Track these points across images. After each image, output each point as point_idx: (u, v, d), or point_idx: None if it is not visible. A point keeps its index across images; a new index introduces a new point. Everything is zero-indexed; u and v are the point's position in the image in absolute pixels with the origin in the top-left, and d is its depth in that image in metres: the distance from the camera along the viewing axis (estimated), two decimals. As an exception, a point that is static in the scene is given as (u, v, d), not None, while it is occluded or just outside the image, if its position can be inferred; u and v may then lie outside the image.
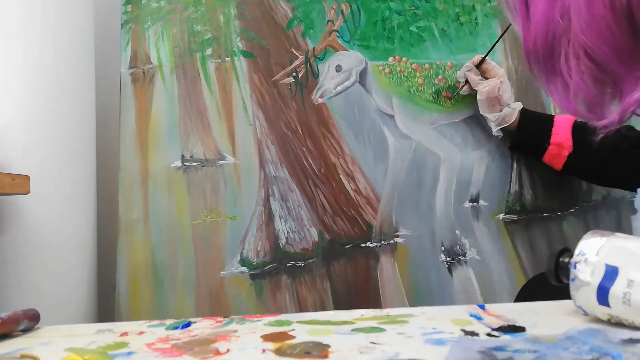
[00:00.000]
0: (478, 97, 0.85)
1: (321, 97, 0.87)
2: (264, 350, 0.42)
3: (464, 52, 0.91)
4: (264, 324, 0.51)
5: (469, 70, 0.85)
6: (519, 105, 0.84)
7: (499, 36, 0.86)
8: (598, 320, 0.45)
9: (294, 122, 0.86)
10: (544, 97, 0.92)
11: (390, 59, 0.89)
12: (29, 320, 0.54)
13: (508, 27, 0.84)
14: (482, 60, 0.85)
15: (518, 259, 0.86)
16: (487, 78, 0.85)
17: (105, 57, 0.93)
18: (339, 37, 0.89)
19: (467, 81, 0.86)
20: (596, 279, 0.44)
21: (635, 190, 0.84)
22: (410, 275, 0.83)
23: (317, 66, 0.88)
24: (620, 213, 0.90)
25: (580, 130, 0.79)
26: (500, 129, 0.84)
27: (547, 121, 0.82)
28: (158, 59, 0.86)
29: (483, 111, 0.85)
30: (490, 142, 0.88)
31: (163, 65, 0.86)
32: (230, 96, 0.86)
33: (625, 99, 0.44)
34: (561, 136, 0.80)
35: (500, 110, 0.84)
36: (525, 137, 0.84)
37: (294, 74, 0.87)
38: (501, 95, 0.83)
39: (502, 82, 0.84)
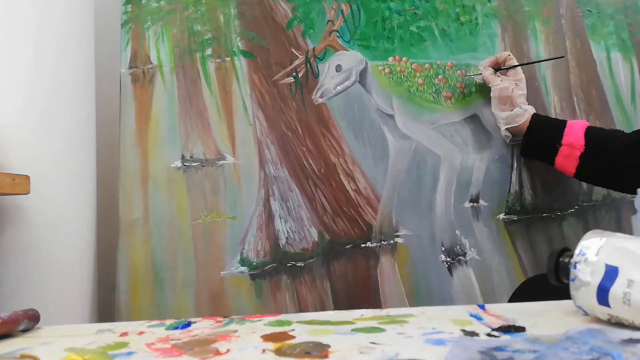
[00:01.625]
0: (491, 93, 0.85)
1: (321, 97, 0.87)
2: (264, 351, 0.42)
3: (464, 52, 0.91)
4: (264, 324, 0.51)
5: (487, 65, 0.86)
6: (531, 109, 0.84)
7: (546, 59, 0.90)
8: (598, 320, 0.45)
9: (294, 122, 0.86)
10: (544, 96, 0.92)
11: (390, 59, 0.89)
12: (29, 320, 0.54)
13: (559, 57, 0.90)
14: (504, 62, 0.86)
15: (518, 259, 0.86)
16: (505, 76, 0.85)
17: (105, 57, 0.93)
18: (339, 37, 0.89)
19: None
20: (596, 279, 0.44)
21: None
22: (410, 275, 0.83)
23: (317, 66, 0.88)
24: (620, 213, 0.90)
25: (593, 133, 0.79)
26: (510, 133, 0.84)
27: (559, 124, 0.81)
28: (158, 59, 0.86)
29: (494, 108, 0.86)
30: (491, 142, 0.88)
31: (163, 65, 0.86)
32: (230, 96, 0.86)
33: None
34: (573, 137, 0.79)
35: (512, 110, 0.84)
36: (536, 139, 0.82)
37: (294, 73, 0.87)
38: (514, 97, 0.83)
39: (517, 85, 0.84)
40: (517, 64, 0.86)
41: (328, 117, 0.86)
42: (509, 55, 0.86)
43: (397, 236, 0.84)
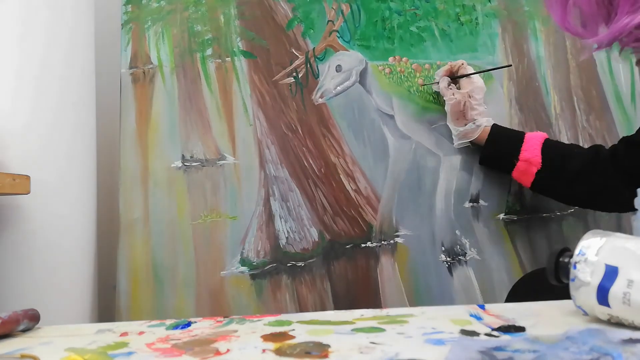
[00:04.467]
0: (445, 107, 0.84)
1: (321, 97, 0.87)
2: (264, 350, 0.42)
3: (464, 52, 0.91)
4: (264, 324, 0.51)
5: (442, 75, 0.85)
6: (486, 122, 0.82)
7: (494, 68, 0.88)
8: (598, 320, 0.45)
9: (294, 122, 0.86)
10: (544, 96, 0.92)
11: (390, 59, 0.89)
12: (29, 320, 0.54)
13: (507, 66, 0.88)
14: (458, 71, 0.84)
15: (518, 259, 0.86)
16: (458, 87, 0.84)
17: (105, 57, 0.93)
18: (339, 37, 0.89)
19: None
20: (596, 279, 0.44)
21: (608, 210, 0.82)
22: (410, 275, 0.83)
23: (317, 66, 0.88)
24: (620, 213, 0.90)
25: (550, 149, 0.78)
26: (468, 142, 0.84)
27: (517, 137, 0.80)
28: (158, 59, 0.86)
29: (449, 122, 0.85)
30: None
31: (163, 65, 0.86)
32: (231, 96, 0.86)
33: (616, 22, 0.47)
34: (530, 152, 0.78)
35: (465, 125, 0.83)
36: (493, 152, 0.82)
37: (294, 74, 0.87)
38: (466, 111, 0.82)
39: (470, 97, 0.82)
40: (469, 73, 0.83)
41: (328, 117, 0.86)
42: (463, 63, 0.84)
43: (397, 236, 0.84)
